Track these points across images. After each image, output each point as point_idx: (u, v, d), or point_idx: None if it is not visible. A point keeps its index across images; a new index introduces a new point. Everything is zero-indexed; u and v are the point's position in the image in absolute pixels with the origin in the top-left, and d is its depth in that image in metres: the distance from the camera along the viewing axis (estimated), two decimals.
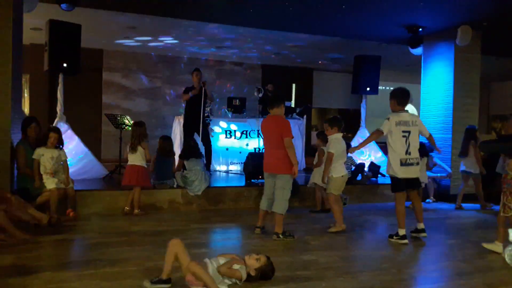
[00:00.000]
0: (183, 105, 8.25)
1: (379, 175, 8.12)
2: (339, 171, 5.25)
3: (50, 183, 5.24)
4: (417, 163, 4.87)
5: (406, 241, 4.75)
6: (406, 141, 4.79)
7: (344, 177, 5.31)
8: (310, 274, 3.62)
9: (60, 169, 5.39)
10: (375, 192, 7.40)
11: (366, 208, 6.41)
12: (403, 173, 4.84)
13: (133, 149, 5.84)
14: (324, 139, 6.37)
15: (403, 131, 4.81)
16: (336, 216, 5.21)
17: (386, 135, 4.87)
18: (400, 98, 4.92)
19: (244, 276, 3.29)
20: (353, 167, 7.43)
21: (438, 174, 7.59)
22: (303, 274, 3.61)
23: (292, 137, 4.79)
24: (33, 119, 5.71)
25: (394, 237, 4.83)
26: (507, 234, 4.23)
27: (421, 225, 4.93)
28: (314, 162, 6.23)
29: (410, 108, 6.69)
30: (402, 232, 4.80)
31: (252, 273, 3.31)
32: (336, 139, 5.28)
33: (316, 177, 6.11)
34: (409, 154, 4.80)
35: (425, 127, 5.03)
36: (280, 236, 4.72)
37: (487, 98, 14.32)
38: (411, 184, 4.93)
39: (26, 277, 3.34)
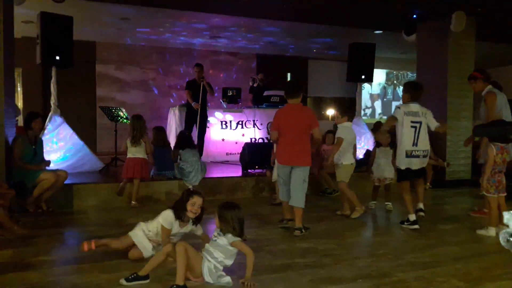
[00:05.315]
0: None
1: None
2: (348, 159, 5.28)
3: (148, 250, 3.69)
4: (424, 155, 4.87)
5: (417, 226, 4.76)
6: (415, 132, 4.79)
7: (353, 165, 5.34)
8: (308, 261, 3.65)
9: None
10: (371, 180, 7.40)
11: (362, 195, 6.44)
12: (406, 164, 4.86)
13: (136, 142, 5.85)
14: None
15: (412, 122, 4.79)
16: (354, 202, 5.22)
17: (397, 125, 4.87)
18: (414, 91, 4.93)
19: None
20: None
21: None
22: (301, 261, 3.63)
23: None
24: (39, 114, 5.74)
25: (406, 223, 4.85)
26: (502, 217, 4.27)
27: (420, 205, 5.11)
28: None
29: None
30: (412, 217, 4.82)
31: (224, 227, 3.32)
32: (344, 127, 5.29)
33: None
34: (416, 145, 4.79)
35: (433, 120, 4.91)
36: (303, 230, 4.48)
37: None
38: (416, 173, 4.97)
39: (25, 272, 3.35)
